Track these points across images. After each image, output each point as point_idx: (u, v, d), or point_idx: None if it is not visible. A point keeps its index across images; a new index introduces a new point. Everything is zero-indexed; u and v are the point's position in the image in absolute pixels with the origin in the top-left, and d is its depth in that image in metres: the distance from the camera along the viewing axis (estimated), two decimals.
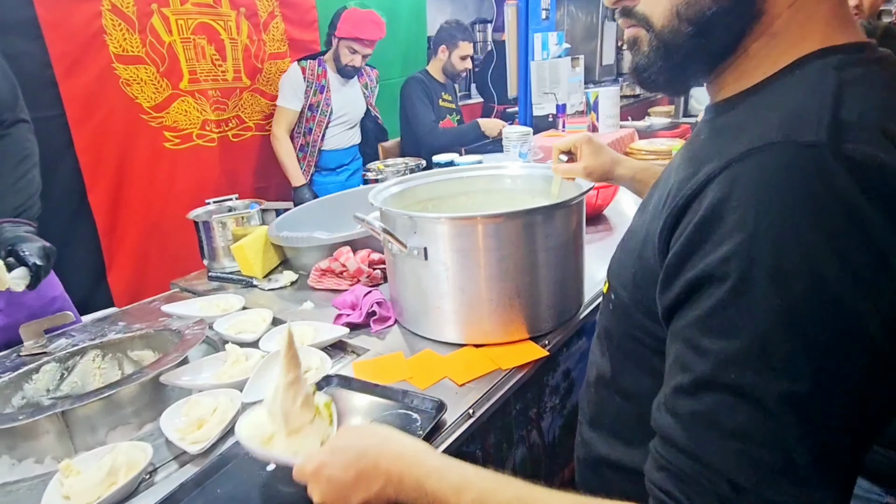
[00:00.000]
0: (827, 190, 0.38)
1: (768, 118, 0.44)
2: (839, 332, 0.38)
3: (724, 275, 0.40)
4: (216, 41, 2.47)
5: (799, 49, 0.47)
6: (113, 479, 0.74)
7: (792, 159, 0.40)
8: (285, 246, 1.44)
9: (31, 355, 1.12)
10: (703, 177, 0.44)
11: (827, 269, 0.38)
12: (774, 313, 0.39)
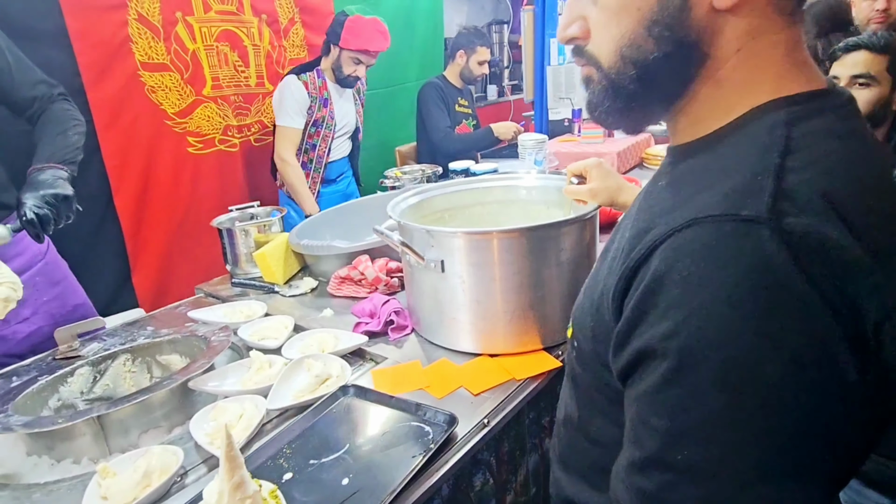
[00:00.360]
0: (765, 268, 0.37)
1: (714, 185, 0.43)
2: (778, 417, 0.37)
3: (665, 352, 0.40)
4: (239, 48, 2.52)
5: (750, 98, 0.46)
6: (147, 481, 0.78)
7: (730, 235, 0.39)
8: (305, 253, 1.48)
9: (66, 359, 1.18)
10: (650, 242, 0.43)
11: (763, 353, 0.37)
12: (714, 396, 0.38)
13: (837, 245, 0.38)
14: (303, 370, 1.02)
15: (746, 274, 0.37)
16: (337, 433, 0.86)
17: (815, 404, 0.37)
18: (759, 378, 0.37)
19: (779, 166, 0.41)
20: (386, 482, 0.74)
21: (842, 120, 0.45)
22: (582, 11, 0.51)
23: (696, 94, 0.49)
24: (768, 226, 0.38)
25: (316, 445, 0.83)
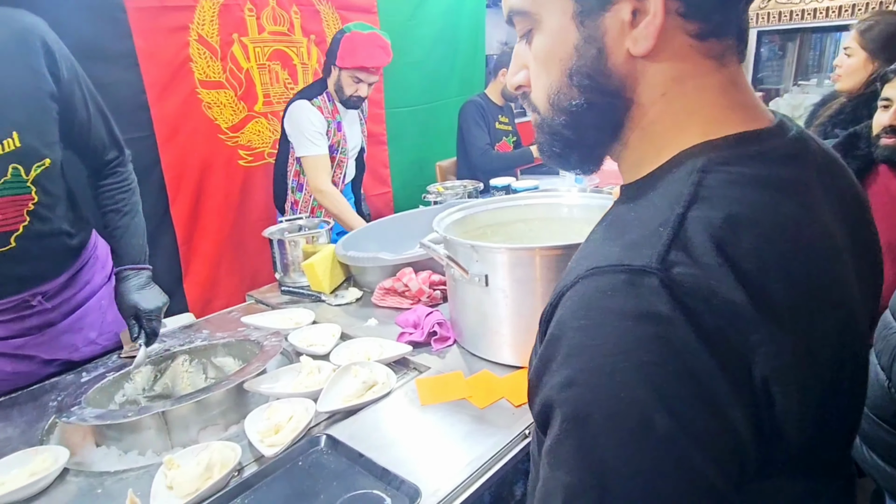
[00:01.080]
0: (651, 318, 0.37)
1: (625, 235, 0.43)
2: (668, 471, 0.36)
3: (560, 404, 0.39)
4: (289, 66, 2.64)
5: (679, 141, 0.46)
6: (209, 474, 0.84)
7: (622, 284, 0.39)
8: (351, 265, 1.54)
9: (129, 357, 1.26)
10: (559, 289, 0.44)
11: (649, 408, 0.36)
12: (607, 450, 0.37)
13: (726, 298, 0.37)
14: (350, 376, 1.07)
15: (635, 324, 0.37)
16: (293, 493, 0.81)
17: (703, 458, 0.36)
18: (647, 429, 0.36)
19: (680, 216, 0.41)
20: None
21: (767, 165, 0.44)
22: (524, 61, 0.52)
23: (628, 140, 0.49)
24: (657, 276, 0.38)
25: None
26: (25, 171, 1.02)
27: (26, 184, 1.03)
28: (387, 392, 1.04)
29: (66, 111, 1.08)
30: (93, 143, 1.18)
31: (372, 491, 0.79)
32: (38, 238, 1.10)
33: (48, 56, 1.02)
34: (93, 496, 0.86)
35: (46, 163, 1.05)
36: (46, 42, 1.02)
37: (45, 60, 1.02)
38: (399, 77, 3.07)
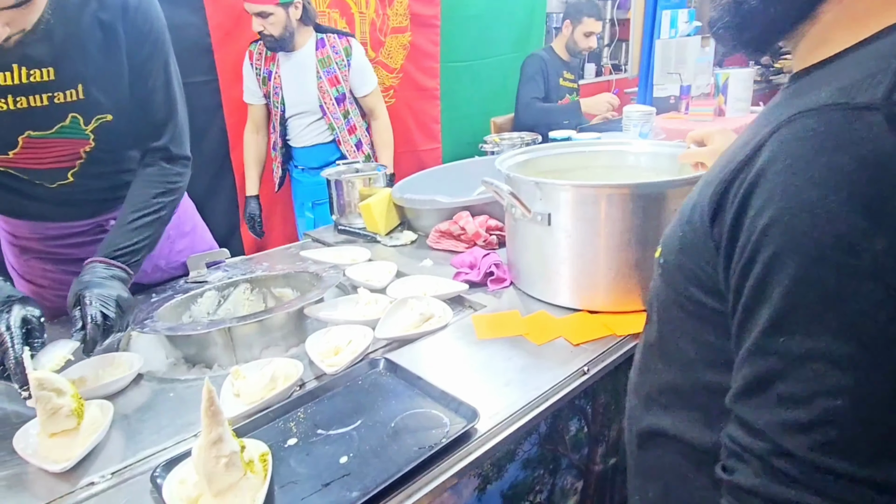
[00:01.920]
0: (875, 152, 0.37)
1: (829, 83, 0.43)
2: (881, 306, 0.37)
3: (768, 243, 0.41)
4: (347, 15, 2.62)
5: (878, 20, 0.45)
6: (273, 385, 0.87)
7: (839, 121, 0.39)
8: (407, 208, 1.54)
9: (195, 283, 1.31)
10: (756, 142, 0.44)
11: (870, 228, 0.37)
12: (813, 285, 0.39)
13: None
14: (406, 309, 1.08)
15: (855, 157, 0.37)
16: (353, 407, 0.82)
17: None
18: (867, 251, 0.37)
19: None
20: (380, 471, 0.68)
21: None
22: None
23: (821, 15, 0.48)
24: (882, 112, 0.38)
25: (329, 415, 0.81)
26: (85, 122, 1.05)
27: (84, 131, 1.06)
28: (443, 325, 1.04)
29: (133, 77, 1.07)
30: (146, 122, 1.12)
31: (430, 410, 0.80)
32: (96, 176, 1.13)
33: (125, 15, 1.01)
34: (165, 398, 0.91)
35: (108, 117, 1.07)
36: (127, 2, 1.02)
37: (121, 19, 1.01)
38: (456, 31, 3.00)
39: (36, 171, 1.06)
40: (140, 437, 0.81)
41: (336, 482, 0.68)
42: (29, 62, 0.92)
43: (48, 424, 0.76)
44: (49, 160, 1.06)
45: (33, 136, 1.01)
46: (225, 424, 0.64)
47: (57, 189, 1.10)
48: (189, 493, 0.65)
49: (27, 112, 0.97)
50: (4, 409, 0.91)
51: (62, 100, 0.99)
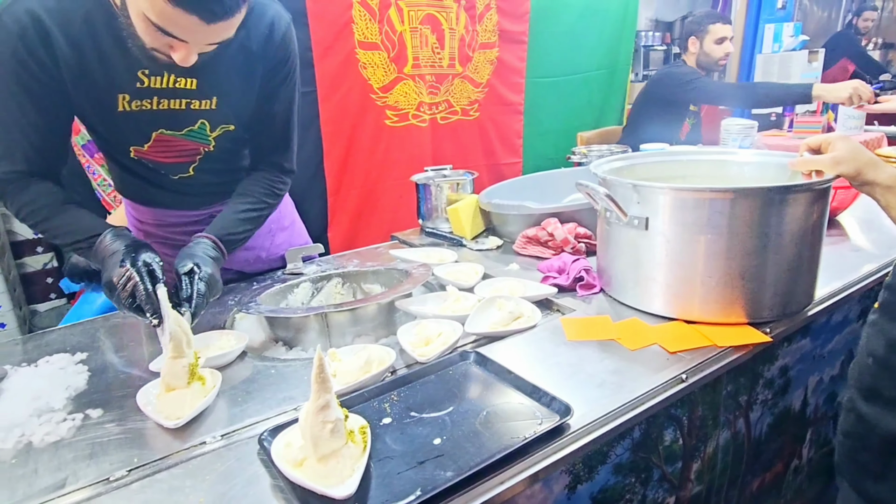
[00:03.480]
0: None
1: None
2: None
3: None
4: (438, 31, 2.71)
5: None
6: (368, 368, 0.90)
7: None
8: (494, 213, 1.56)
9: (292, 274, 1.39)
10: None
11: None
12: None
13: None
14: (495, 307, 1.08)
15: None
16: (445, 394, 0.84)
17: None
18: None
19: None
20: (473, 455, 0.69)
21: None
22: None
23: None
24: None
25: (421, 400, 0.82)
26: (211, 129, 1.16)
27: (208, 137, 1.17)
28: (532, 325, 1.04)
29: (262, 99, 1.18)
30: (265, 137, 1.23)
31: (522, 403, 0.80)
32: (212, 172, 1.24)
33: (268, 46, 1.12)
34: (267, 374, 0.96)
35: (231, 128, 1.18)
36: (273, 33, 1.12)
37: (263, 49, 1.12)
38: (543, 47, 3.02)
39: (162, 164, 1.17)
40: (245, 406, 0.86)
41: (430, 461, 0.69)
42: (178, 71, 1.02)
43: (170, 372, 0.83)
44: (174, 155, 1.17)
45: (165, 134, 1.12)
46: (332, 392, 0.67)
47: (178, 180, 1.21)
48: (294, 456, 0.68)
49: (165, 113, 1.08)
50: (129, 372, 1.00)
51: (197, 107, 1.10)
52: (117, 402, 0.90)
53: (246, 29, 1.03)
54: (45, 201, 1.02)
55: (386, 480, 0.66)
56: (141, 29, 0.87)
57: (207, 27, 0.86)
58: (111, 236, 0.98)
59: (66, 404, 0.89)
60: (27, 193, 1.01)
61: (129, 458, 0.75)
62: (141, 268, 0.92)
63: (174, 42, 0.87)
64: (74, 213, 1.03)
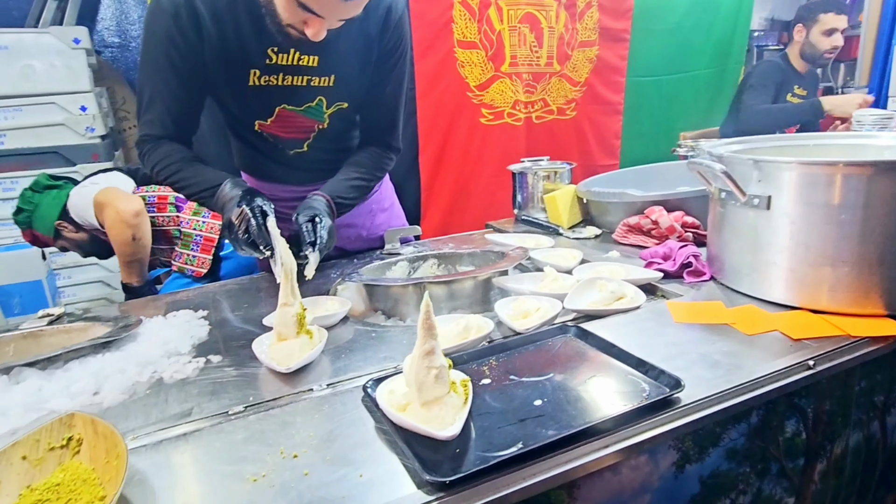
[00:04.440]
0: None
1: None
2: None
3: None
4: (536, 29, 2.70)
5: None
6: (466, 334, 0.91)
7: None
8: (593, 202, 1.52)
9: (389, 254, 1.43)
10: None
11: None
12: None
13: None
14: (596, 288, 1.05)
15: None
16: (545, 362, 0.82)
17: None
18: None
19: None
20: (576, 415, 0.68)
21: None
22: None
23: None
24: None
25: (521, 366, 0.82)
26: (327, 106, 1.24)
27: (324, 114, 1.25)
28: (636, 306, 1.00)
29: (375, 80, 1.24)
30: (375, 116, 1.30)
31: (627, 376, 0.77)
32: (324, 150, 1.31)
33: (385, 29, 1.19)
34: (368, 336, 1.00)
35: (344, 106, 1.25)
36: (389, 17, 1.19)
37: (380, 34, 1.19)
38: (646, 45, 2.93)
39: (281, 138, 1.26)
40: (348, 362, 0.90)
41: (531, 420, 0.68)
42: (302, 49, 1.10)
43: (281, 322, 0.88)
44: (292, 130, 1.25)
45: (287, 109, 1.20)
46: (438, 339, 0.68)
47: (293, 156, 1.30)
48: (398, 402, 0.69)
49: (288, 89, 1.16)
50: (245, 328, 1.08)
51: (317, 84, 1.18)
52: (234, 350, 0.97)
53: (365, 11, 1.08)
54: (176, 157, 1.14)
55: (486, 433, 0.66)
56: (281, 5, 0.95)
57: (343, 3, 0.92)
58: (230, 185, 1.08)
59: (190, 350, 0.98)
60: (161, 151, 1.14)
61: (245, 396, 0.81)
62: (254, 208, 1.01)
63: (310, 17, 0.94)
64: (200, 167, 1.15)
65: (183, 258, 1.93)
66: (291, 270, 0.92)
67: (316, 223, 1.07)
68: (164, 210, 1.92)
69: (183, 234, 1.92)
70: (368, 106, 1.28)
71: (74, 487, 0.59)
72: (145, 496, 0.60)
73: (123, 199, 1.79)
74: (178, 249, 1.93)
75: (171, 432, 0.73)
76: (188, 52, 1.06)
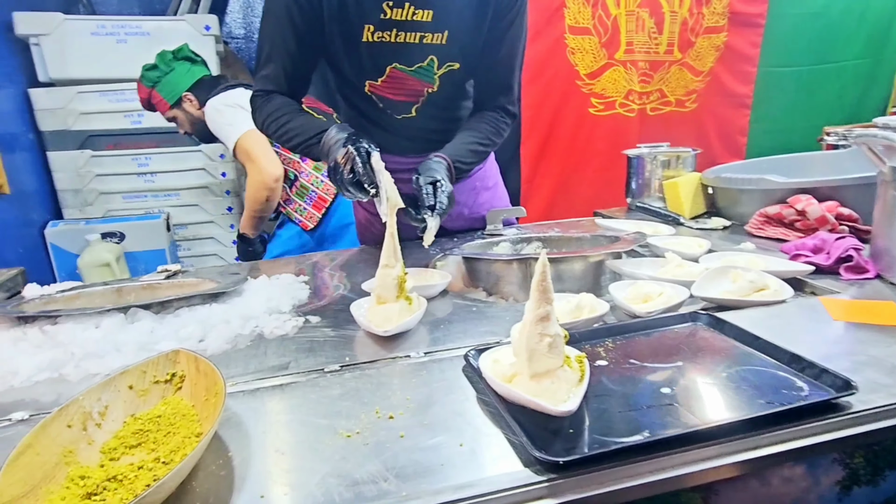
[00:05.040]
0: None
1: None
2: None
3: None
4: (657, 14, 2.52)
5: None
6: (577, 313, 0.82)
7: None
8: (722, 190, 1.36)
9: (490, 235, 1.36)
10: None
11: None
12: None
13: None
14: (729, 277, 0.92)
15: None
16: (671, 349, 0.72)
17: None
18: None
19: None
20: (714, 409, 0.58)
21: None
22: None
23: None
24: None
25: (642, 351, 0.72)
26: (438, 66, 1.19)
27: (434, 76, 1.20)
28: (780, 300, 0.85)
29: (489, 40, 1.18)
30: (490, 80, 1.25)
31: (777, 372, 0.64)
32: (431, 117, 1.27)
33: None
34: (468, 311, 0.94)
35: (455, 67, 1.20)
36: None
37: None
38: (784, 31, 2.63)
39: (390, 101, 1.23)
40: (447, 333, 0.84)
41: (658, 408, 0.58)
42: (417, 3, 1.07)
43: (381, 284, 0.84)
44: (402, 93, 1.22)
45: (397, 69, 1.17)
46: (553, 304, 0.60)
47: (401, 121, 1.27)
48: (504, 371, 0.62)
49: (400, 47, 1.14)
50: (344, 294, 1.06)
51: (429, 41, 1.14)
52: (332, 313, 0.95)
53: None
54: (286, 109, 1.14)
55: (604, 416, 0.57)
56: None
57: None
58: (336, 129, 1.07)
59: (291, 309, 0.97)
60: (272, 104, 1.15)
61: (342, 356, 0.78)
62: (360, 147, 0.99)
63: None
64: (307, 117, 1.15)
65: (294, 206, 1.98)
66: (395, 206, 0.90)
67: (437, 187, 1.03)
68: (287, 151, 1.94)
69: (301, 185, 1.98)
70: (484, 68, 1.23)
71: (174, 421, 0.59)
72: (239, 437, 0.58)
73: (269, 160, 1.84)
74: (293, 196, 1.98)
75: (267, 382, 0.71)
76: (309, 11, 1.06)
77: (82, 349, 0.79)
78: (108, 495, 0.49)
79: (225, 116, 1.87)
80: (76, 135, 2.34)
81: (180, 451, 0.53)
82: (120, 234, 2.35)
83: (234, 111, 1.86)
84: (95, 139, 2.37)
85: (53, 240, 2.28)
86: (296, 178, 1.97)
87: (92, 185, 2.42)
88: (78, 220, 2.37)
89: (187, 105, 1.99)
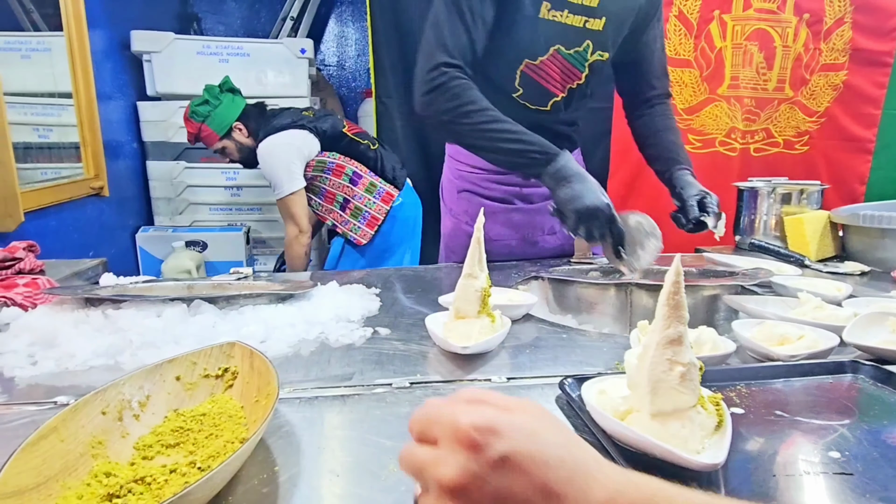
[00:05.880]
0: None
1: None
2: None
3: None
4: (767, 48, 2.34)
5: None
6: (698, 349, 0.68)
7: None
8: (859, 230, 1.16)
9: (579, 262, 1.24)
10: None
11: None
12: None
13: None
14: (885, 328, 0.74)
15: None
16: (830, 403, 0.57)
17: None
18: None
19: None
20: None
21: None
22: None
23: None
24: None
25: (787, 401, 0.57)
26: (591, 53, 1.13)
27: (585, 63, 1.15)
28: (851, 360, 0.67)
29: (636, 23, 1.16)
30: (641, 71, 1.26)
31: None
32: (559, 119, 1.21)
33: None
34: (558, 337, 0.81)
35: (604, 57, 1.15)
36: None
37: None
38: None
39: (535, 87, 1.15)
40: (532, 360, 0.72)
41: (831, 476, 0.43)
42: None
43: (462, 296, 0.74)
44: (551, 79, 1.15)
45: (559, 51, 1.11)
46: (687, 325, 0.48)
47: (534, 112, 1.18)
48: (615, 406, 0.50)
49: (567, 28, 1.09)
50: (417, 308, 0.97)
51: (590, 26, 1.10)
52: (404, 327, 0.86)
53: None
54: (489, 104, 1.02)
55: (750, 477, 0.43)
56: None
57: None
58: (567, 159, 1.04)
59: (359, 319, 0.89)
60: (471, 93, 1.01)
61: (412, 372, 0.68)
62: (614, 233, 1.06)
63: None
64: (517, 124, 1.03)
65: (349, 226, 2.09)
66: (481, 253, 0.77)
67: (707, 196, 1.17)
68: (338, 177, 2.05)
69: (355, 207, 2.07)
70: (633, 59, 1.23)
71: (219, 422, 0.50)
72: (289, 450, 0.48)
73: (307, 220, 2.02)
74: (347, 217, 2.08)
75: (328, 392, 0.62)
76: None
77: (141, 337, 0.74)
78: (132, 499, 0.40)
79: (281, 160, 1.97)
80: (174, 146, 2.47)
81: (220, 457, 0.45)
82: (203, 243, 2.41)
83: (288, 154, 1.97)
84: (190, 151, 2.48)
85: (143, 244, 2.38)
86: (347, 202, 2.08)
87: (184, 195, 2.52)
88: (167, 228, 2.46)
89: (237, 134, 2.08)
